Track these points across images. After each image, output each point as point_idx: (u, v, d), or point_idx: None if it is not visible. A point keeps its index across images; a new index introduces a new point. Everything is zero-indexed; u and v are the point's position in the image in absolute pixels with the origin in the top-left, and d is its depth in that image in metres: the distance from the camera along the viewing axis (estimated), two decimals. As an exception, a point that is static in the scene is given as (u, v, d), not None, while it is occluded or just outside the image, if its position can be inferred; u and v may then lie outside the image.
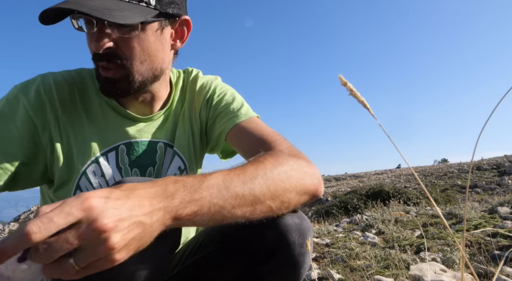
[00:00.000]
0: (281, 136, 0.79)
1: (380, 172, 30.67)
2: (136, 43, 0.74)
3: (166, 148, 0.91)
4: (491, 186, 12.34)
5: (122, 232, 0.43)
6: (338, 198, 13.21)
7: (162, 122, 0.91)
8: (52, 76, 0.82)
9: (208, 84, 0.96)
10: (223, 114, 0.90)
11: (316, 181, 0.67)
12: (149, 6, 0.73)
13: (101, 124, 0.84)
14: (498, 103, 0.42)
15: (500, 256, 2.14)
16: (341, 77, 0.46)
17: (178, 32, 0.84)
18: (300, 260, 0.68)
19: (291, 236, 0.67)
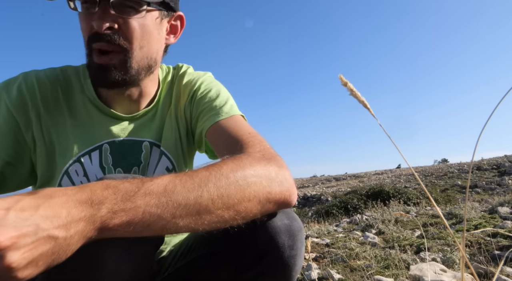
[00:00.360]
0: (259, 137, 0.73)
1: (380, 172, 30.67)
2: (138, 26, 0.74)
3: (152, 147, 0.88)
4: (491, 186, 12.34)
5: (23, 249, 0.38)
6: (338, 198, 13.21)
7: (148, 120, 0.89)
8: (34, 74, 0.81)
9: (194, 80, 0.92)
10: (205, 111, 0.85)
11: (285, 188, 0.60)
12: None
13: (85, 123, 0.82)
14: (498, 103, 0.42)
15: (500, 256, 2.14)
16: (341, 77, 0.46)
17: (172, 27, 0.85)
18: (291, 263, 0.66)
19: (280, 239, 0.64)
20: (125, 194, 0.46)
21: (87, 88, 0.83)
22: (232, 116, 0.81)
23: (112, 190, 0.46)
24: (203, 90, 0.89)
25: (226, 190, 0.53)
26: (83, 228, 0.43)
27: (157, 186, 0.49)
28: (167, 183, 0.50)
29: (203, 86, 0.90)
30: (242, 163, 0.58)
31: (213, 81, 0.93)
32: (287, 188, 0.61)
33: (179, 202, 0.49)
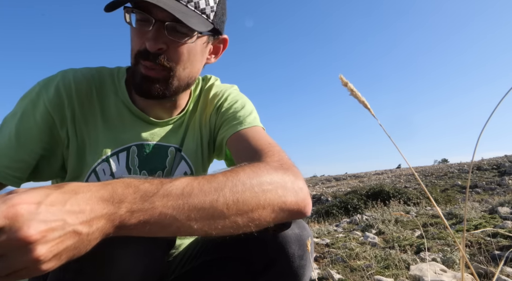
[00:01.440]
0: (278, 147, 0.73)
1: (380, 172, 30.67)
2: (186, 50, 0.76)
3: (177, 153, 0.90)
4: (491, 186, 12.34)
5: (51, 243, 0.40)
6: (338, 198, 13.21)
7: (176, 127, 0.92)
8: (72, 73, 0.83)
9: (222, 92, 0.95)
10: (229, 120, 0.88)
11: (301, 199, 0.60)
12: (208, 19, 0.76)
13: (115, 124, 0.85)
14: (499, 103, 0.42)
15: (500, 256, 2.14)
16: (342, 77, 0.46)
17: (215, 48, 0.87)
18: (300, 273, 0.67)
19: (290, 248, 0.65)
20: (144, 194, 0.47)
21: (121, 91, 0.86)
22: (254, 126, 0.84)
23: (132, 189, 0.47)
24: (230, 101, 0.92)
25: (241, 196, 0.53)
26: (104, 225, 0.44)
27: (175, 188, 0.50)
28: (185, 185, 0.51)
29: (230, 97, 0.93)
30: (259, 170, 0.58)
31: (239, 94, 0.96)
32: (302, 198, 0.60)
33: (195, 205, 0.50)
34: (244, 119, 0.86)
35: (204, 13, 0.75)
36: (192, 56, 0.78)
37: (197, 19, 0.72)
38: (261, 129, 0.85)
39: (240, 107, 0.90)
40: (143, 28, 0.73)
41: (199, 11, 0.74)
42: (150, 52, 0.73)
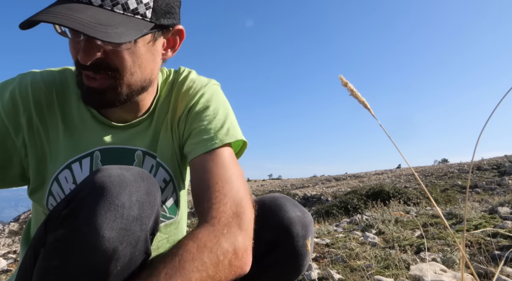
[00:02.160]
0: (229, 187, 0.71)
1: (380, 172, 30.66)
2: (128, 56, 0.69)
3: (145, 157, 0.85)
4: (491, 186, 12.33)
5: None
6: (338, 198, 13.20)
7: (143, 129, 0.86)
8: (30, 76, 0.79)
9: (194, 91, 0.87)
10: (196, 133, 0.81)
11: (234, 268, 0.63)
12: (145, 19, 0.68)
13: (78, 129, 0.81)
14: (499, 103, 0.42)
15: (500, 256, 2.14)
16: (341, 77, 0.46)
17: (170, 41, 0.79)
18: (303, 251, 0.72)
19: (294, 228, 0.71)
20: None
21: None
22: (219, 149, 0.78)
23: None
24: (201, 106, 0.84)
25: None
26: None
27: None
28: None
29: (202, 100, 0.85)
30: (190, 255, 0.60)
31: (214, 95, 0.88)
32: (237, 266, 0.63)
33: None
34: (213, 135, 0.79)
35: (138, 14, 0.66)
36: (137, 59, 0.71)
37: (126, 25, 0.64)
38: (227, 152, 0.79)
39: (212, 116, 0.82)
40: (76, 38, 0.67)
41: (131, 13, 0.65)
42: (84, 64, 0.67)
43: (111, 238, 0.54)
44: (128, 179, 0.60)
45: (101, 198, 0.56)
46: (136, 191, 0.59)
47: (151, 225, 0.62)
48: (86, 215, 0.54)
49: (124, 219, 0.56)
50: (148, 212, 0.60)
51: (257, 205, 0.75)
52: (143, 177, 0.63)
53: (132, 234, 0.57)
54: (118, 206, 0.56)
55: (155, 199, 0.63)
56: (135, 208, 0.58)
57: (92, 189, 0.57)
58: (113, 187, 0.57)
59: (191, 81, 0.89)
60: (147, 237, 0.61)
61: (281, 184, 33.04)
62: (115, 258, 0.55)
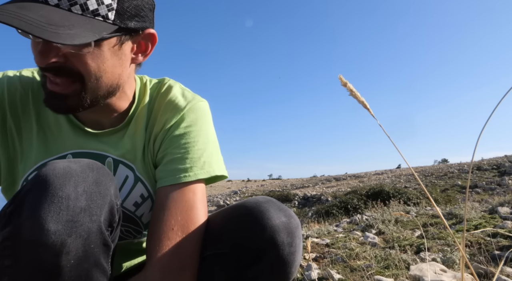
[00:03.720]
0: (186, 238, 0.70)
1: (380, 172, 30.67)
2: (90, 60, 0.65)
3: (118, 165, 0.81)
4: (491, 186, 12.33)
5: None
6: (338, 198, 13.20)
7: (119, 137, 0.83)
8: (7, 76, 0.78)
9: (176, 109, 0.82)
10: (170, 160, 0.78)
11: None
12: (107, 21, 0.63)
13: (52, 131, 0.79)
14: (498, 103, 0.42)
15: (500, 256, 2.14)
16: (341, 77, 0.46)
17: (141, 45, 0.75)
18: (290, 259, 0.68)
19: (279, 237, 0.66)
20: None
21: None
22: (190, 184, 0.75)
23: None
24: (181, 131, 0.80)
25: None
26: None
27: None
28: None
29: (183, 124, 0.81)
30: None
31: (198, 119, 0.83)
32: None
33: None
34: (188, 166, 0.76)
35: (98, 15, 0.62)
36: (101, 63, 0.67)
37: (82, 26, 0.59)
38: (198, 190, 0.76)
39: (191, 144, 0.79)
40: (34, 39, 0.63)
41: (90, 14, 0.61)
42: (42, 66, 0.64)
43: (57, 231, 0.52)
44: (74, 170, 0.57)
45: (44, 191, 0.53)
46: (82, 182, 0.57)
47: (105, 216, 0.59)
48: (29, 210, 0.52)
49: (70, 210, 0.53)
50: (99, 203, 0.57)
51: (240, 211, 0.72)
52: (92, 167, 0.60)
53: (81, 226, 0.54)
54: (63, 198, 0.53)
55: (107, 189, 0.60)
56: (82, 199, 0.55)
57: (34, 183, 0.55)
58: (56, 179, 0.54)
59: (173, 96, 0.84)
60: (101, 228, 0.58)
61: (281, 184, 33.04)
62: (65, 252, 0.53)
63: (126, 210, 0.83)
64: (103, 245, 0.59)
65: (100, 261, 0.59)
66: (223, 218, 0.75)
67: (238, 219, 0.71)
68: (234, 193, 26.80)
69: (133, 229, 0.87)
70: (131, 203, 0.83)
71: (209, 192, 30.94)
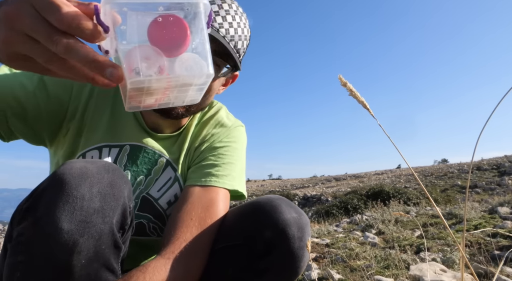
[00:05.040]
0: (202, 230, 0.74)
1: (380, 172, 30.68)
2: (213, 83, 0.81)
3: (167, 166, 0.90)
4: (491, 186, 12.34)
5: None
6: (338, 198, 13.21)
7: (171, 143, 0.92)
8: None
9: (222, 126, 0.96)
10: (204, 164, 0.88)
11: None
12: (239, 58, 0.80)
13: (121, 121, 0.86)
14: (498, 103, 0.43)
15: (500, 256, 2.14)
16: (341, 77, 0.46)
17: (227, 82, 0.91)
18: (300, 253, 0.70)
19: (290, 230, 0.69)
20: None
21: None
22: (215, 188, 0.83)
23: None
24: (222, 144, 0.92)
25: None
26: None
27: None
28: None
29: (226, 138, 0.94)
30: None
31: (237, 138, 0.96)
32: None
33: None
34: (218, 173, 0.85)
35: (238, 52, 0.78)
36: (212, 91, 0.83)
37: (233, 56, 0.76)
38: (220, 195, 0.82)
39: (226, 157, 0.89)
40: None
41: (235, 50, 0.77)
42: None
43: (70, 230, 0.53)
44: (90, 171, 0.58)
45: (60, 190, 0.54)
46: (97, 183, 0.58)
47: (118, 218, 0.60)
48: (44, 208, 0.53)
49: (83, 211, 0.54)
50: (112, 204, 0.59)
51: (253, 207, 0.76)
52: (108, 169, 0.62)
53: (93, 227, 0.55)
54: (77, 198, 0.54)
55: (121, 191, 0.61)
56: (96, 200, 0.56)
57: (51, 182, 0.56)
58: (72, 179, 0.55)
59: (220, 117, 0.97)
60: (113, 230, 0.59)
61: (281, 184, 33.05)
62: (76, 251, 0.53)
63: (160, 207, 0.89)
64: (113, 247, 0.60)
65: (110, 262, 0.60)
66: (236, 214, 0.79)
67: (251, 214, 0.74)
68: (234, 193, 26.74)
69: (159, 227, 0.92)
70: (166, 201, 0.90)
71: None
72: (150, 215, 0.89)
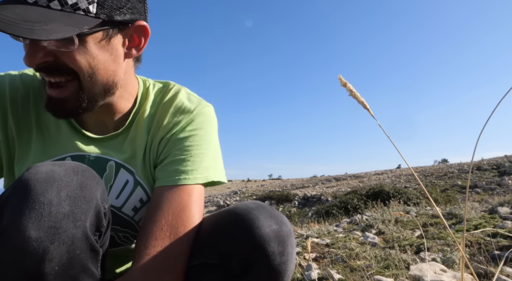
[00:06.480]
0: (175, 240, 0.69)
1: (380, 172, 30.69)
2: (79, 56, 0.64)
3: (120, 169, 0.80)
4: (491, 186, 12.34)
5: None
6: (338, 198, 13.21)
7: (120, 142, 0.82)
8: (9, 77, 0.78)
9: (183, 113, 0.82)
10: (171, 160, 0.77)
11: None
12: (88, 15, 0.61)
13: (51, 134, 0.78)
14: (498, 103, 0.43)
15: (500, 256, 2.14)
16: (341, 77, 0.46)
17: (133, 39, 0.73)
18: (282, 269, 0.64)
19: (269, 247, 0.62)
20: None
21: None
22: (187, 186, 0.75)
23: None
24: (187, 134, 0.80)
25: None
26: None
27: None
28: None
29: (188, 127, 0.81)
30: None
31: (204, 123, 0.83)
32: None
33: None
34: (188, 169, 0.76)
35: (79, 9, 0.60)
36: (91, 59, 0.65)
37: (61, 21, 0.58)
38: (194, 192, 0.75)
39: (194, 148, 0.78)
40: (23, 41, 0.63)
41: (70, 9, 0.59)
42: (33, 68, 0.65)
43: (38, 238, 0.50)
44: (58, 174, 0.55)
45: (24, 196, 0.52)
46: (66, 186, 0.55)
47: (91, 221, 0.57)
48: (9, 217, 0.51)
49: (52, 216, 0.52)
50: (84, 207, 0.56)
51: (229, 218, 0.69)
52: (77, 170, 0.58)
53: (64, 232, 0.53)
54: (44, 204, 0.52)
55: (92, 193, 0.58)
56: (65, 204, 0.54)
57: (15, 189, 0.53)
58: (37, 184, 0.53)
59: (180, 101, 0.84)
60: (87, 233, 0.56)
61: (281, 184, 33.06)
62: (47, 259, 0.51)
63: (125, 215, 0.82)
64: (90, 251, 0.58)
65: (88, 266, 0.58)
66: (212, 224, 0.72)
67: (227, 227, 0.68)
68: (234, 193, 26.82)
69: (130, 235, 0.86)
70: (130, 208, 0.82)
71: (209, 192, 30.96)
72: (117, 226, 0.81)
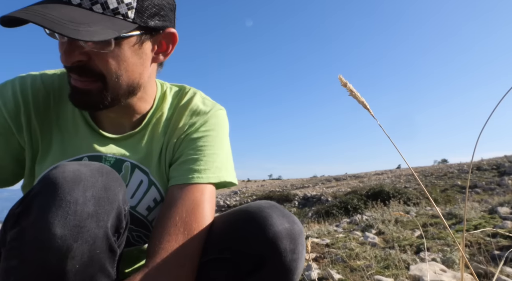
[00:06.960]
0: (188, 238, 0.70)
1: (380, 172, 30.69)
2: (111, 59, 0.67)
3: (134, 170, 0.82)
4: (491, 186, 12.34)
5: None
6: (338, 198, 13.22)
7: (136, 142, 0.84)
8: (30, 78, 0.80)
9: (198, 116, 0.86)
10: (185, 160, 0.80)
11: None
12: (127, 19, 0.65)
13: (70, 134, 0.80)
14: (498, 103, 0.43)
15: (500, 256, 2.14)
16: (341, 77, 0.46)
17: (161, 45, 0.76)
18: (293, 267, 0.66)
19: (281, 244, 0.64)
20: None
21: None
22: (200, 185, 0.77)
23: None
24: (200, 134, 0.83)
25: None
26: None
27: None
28: None
29: (203, 128, 0.84)
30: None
31: (217, 125, 0.86)
32: None
33: None
34: (201, 168, 0.78)
35: (118, 13, 0.64)
36: (122, 62, 0.69)
37: (102, 24, 0.62)
38: (206, 191, 0.77)
39: (207, 148, 0.81)
40: (61, 39, 0.66)
41: (110, 13, 0.63)
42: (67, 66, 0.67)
43: (63, 235, 0.52)
44: (84, 174, 0.57)
45: (52, 194, 0.54)
46: (91, 187, 0.57)
47: (112, 222, 0.59)
48: (37, 213, 0.53)
49: (77, 215, 0.53)
50: (107, 208, 0.58)
51: (242, 216, 0.71)
52: (102, 171, 0.60)
53: (87, 232, 0.54)
54: (71, 202, 0.53)
55: (115, 195, 0.60)
56: (90, 204, 0.55)
57: (43, 186, 0.55)
58: (65, 183, 0.54)
59: (195, 104, 0.87)
60: (107, 234, 0.58)
61: (281, 184, 33.06)
62: (70, 257, 0.53)
63: (139, 214, 0.83)
64: (109, 251, 0.59)
65: (105, 266, 0.59)
66: (225, 222, 0.74)
67: (240, 224, 0.69)
68: (234, 193, 26.81)
69: (144, 234, 0.87)
70: (144, 207, 0.83)
71: (209, 192, 30.83)
72: (131, 225, 0.83)
